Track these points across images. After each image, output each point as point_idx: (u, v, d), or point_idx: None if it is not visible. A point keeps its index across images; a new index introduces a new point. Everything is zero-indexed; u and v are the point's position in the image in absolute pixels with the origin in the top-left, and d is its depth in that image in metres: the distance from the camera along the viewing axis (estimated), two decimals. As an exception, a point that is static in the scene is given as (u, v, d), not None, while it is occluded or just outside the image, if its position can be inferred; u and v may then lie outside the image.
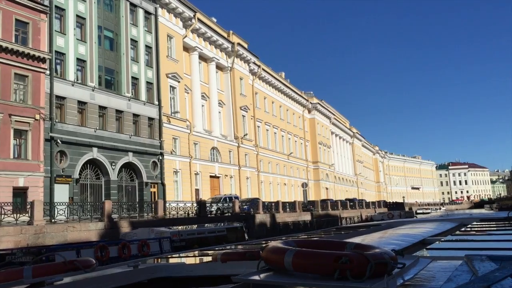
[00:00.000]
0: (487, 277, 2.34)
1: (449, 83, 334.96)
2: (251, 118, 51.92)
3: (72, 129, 26.76)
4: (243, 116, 48.40)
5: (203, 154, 39.78)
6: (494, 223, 8.40)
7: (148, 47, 33.95)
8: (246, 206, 30.75)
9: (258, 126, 54.63)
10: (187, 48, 40.77)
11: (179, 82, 37.27)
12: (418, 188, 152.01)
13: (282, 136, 62.12)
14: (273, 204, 34.48)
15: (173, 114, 35.73)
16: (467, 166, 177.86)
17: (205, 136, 40.43)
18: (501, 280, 2.27)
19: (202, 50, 42.04)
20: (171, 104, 36.66)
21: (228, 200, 29.66)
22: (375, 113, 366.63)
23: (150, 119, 33.08)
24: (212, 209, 27.82)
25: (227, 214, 27.88)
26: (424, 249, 4.76)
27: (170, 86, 36.44)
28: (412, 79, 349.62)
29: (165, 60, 35.80)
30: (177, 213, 24.30)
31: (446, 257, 3.55)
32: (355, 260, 2.33)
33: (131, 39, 32.25)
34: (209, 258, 4.65)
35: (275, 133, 59.53)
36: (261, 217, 29.58)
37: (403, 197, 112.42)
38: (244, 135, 47.29)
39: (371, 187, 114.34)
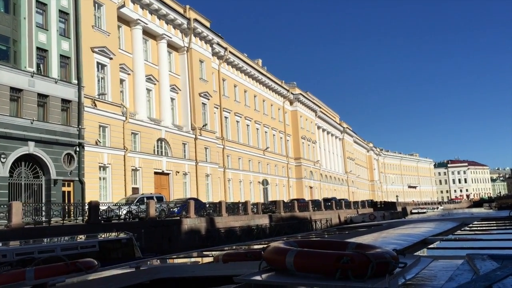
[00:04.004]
0: (488, 276, 2.34)
1: (448, 79, 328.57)
2: (216, 107, 45.58)
3: None
4: (204, 104, 41.98)
5: (145, 146, 33.39)
6: (495, 222, 8.45)
7: (63, 13, 27.54)
8: (176, 209, 24.38)
9: (226, 117, 48.28)
10: (127, 21, 34.44)
11: (111, 59, 30.88)
12: (415, 187, 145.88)
13: (257, 129, 55.71)
14: (217, 205, 27.98)
15: (99, 97, 29.34)
16: (466, 164, 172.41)
17: (148, 125, 34.01)
18: (502, 279, 2.27)
19: (147, 24, 35.66)
20: (100, 85, 30.32)
21: (146, 201, 23.17)
22: (370, 109, 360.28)
23: (65, 101, 26.69)
24: (121, 213, 21.40)
25: (140, 219, 21.50)
26: (425, 249, 4.78)
27: (98, 63, 30.05)
28: (409, 74, 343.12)
29: (91, 31, 29.41)
30: (46, 220, 17.98)
31: (447, 256, 3.66)
32: (356, 260, 2.34)
33: (38, 1, 25.88)
34: (211, 259, 4.66)
35: (247, 125, 53.11)
36: (193, 222, 23.11)
37: (397, 196, 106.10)
38: (204, 126, 40.89)
39: (364, 186, 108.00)
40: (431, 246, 5.02)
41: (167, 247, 20.73)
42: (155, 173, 34.34)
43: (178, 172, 36.80)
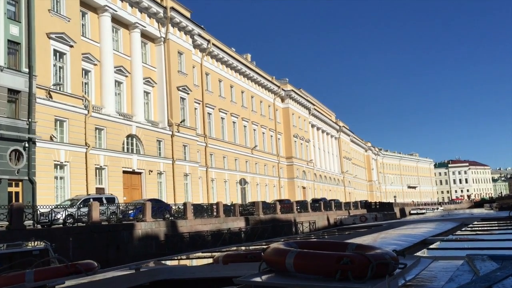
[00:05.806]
0: (488, 277, 2.30)
1: (448, 78, 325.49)
2: (197, 103, 42.83)
3: None
4: (182, 98, 39.24)
5: (112, 142, 30.64)
6: (495, 222, 8.42)
7: (12, -6, 24.89)
8: (132, 212, 21.63)
9: (209, 113, 45.51)
10: (94, 8, 31.72)
11: (71, 46, 28.18)
12: (414, 187, 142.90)
13: (245, 126, 52.92)
14: (179, 206, 25.14)
15: (54, 87, 26.61)
16: (467, 164, 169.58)
17: (115, 120, 31.25)
18: (502, 280, 2.23)
19: (116, 11, 32.94)
20: (58, 76, 27.61)
21: (90, 203, 20.28)
22: (368, 108, 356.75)
23: (13, 91, 23.97)
24: (59, 217, 18.59)
25: (82, 224, 18.71)
26: (425, 249, 4.72)
27: (55, 51, 27.35)
28: (409, 72, 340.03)
29: (47, 16, 26.71)
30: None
31: (447, 257, 3.61)
32: (356, 261, 2.33)
33: (-19, -20, 23.24)
34: (211, 260, 4.67)
35: (234, 122, 50.34)
36: (149, 226, 20.30)
37: (394, 196, 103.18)
38: (181, 122, 38.12)
39: (362, 186, 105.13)
40: (431, 246, 4.97)
41: (114, 257, 17.97)
42: (124, 172, 31.60)
43: (152, 171, 34.03)
